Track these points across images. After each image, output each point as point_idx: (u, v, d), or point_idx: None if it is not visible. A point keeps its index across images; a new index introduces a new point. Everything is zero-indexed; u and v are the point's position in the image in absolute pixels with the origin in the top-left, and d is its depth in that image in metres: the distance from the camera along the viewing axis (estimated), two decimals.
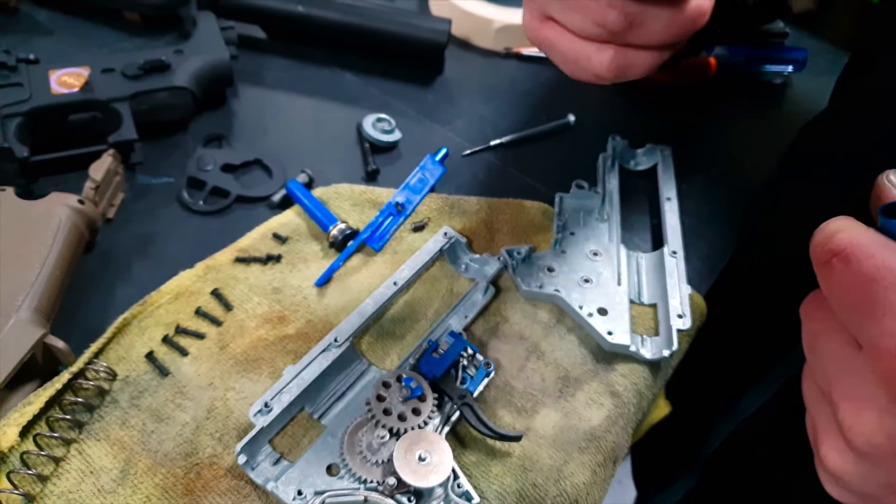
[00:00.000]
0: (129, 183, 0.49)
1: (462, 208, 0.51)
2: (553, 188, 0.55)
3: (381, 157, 0.55)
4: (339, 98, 0.59)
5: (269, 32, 0.62)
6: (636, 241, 0.53)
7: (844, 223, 0.28)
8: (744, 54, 0.68)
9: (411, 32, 0.60)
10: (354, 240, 0.47)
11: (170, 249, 0.46)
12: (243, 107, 0.56)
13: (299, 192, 0.48)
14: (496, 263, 0.47)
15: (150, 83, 0.50)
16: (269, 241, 0.47)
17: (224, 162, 0.51)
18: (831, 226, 0.28)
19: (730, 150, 0.62)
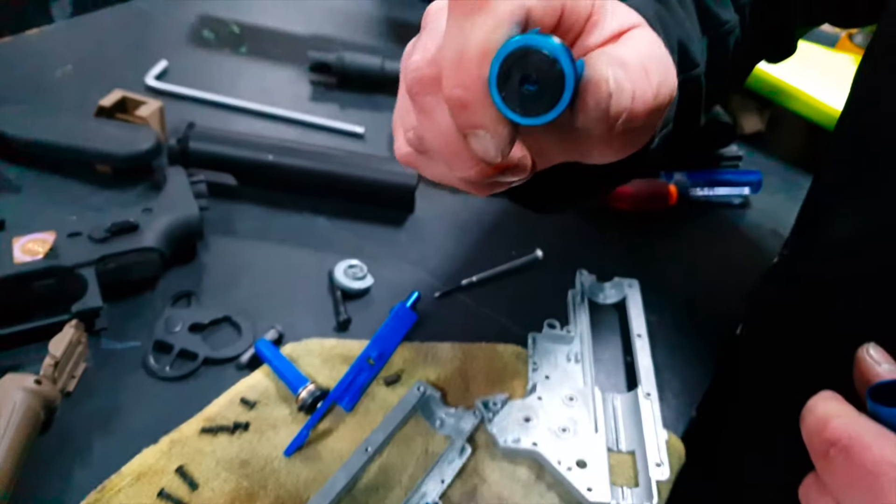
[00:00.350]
0: (92, 349, 0.47)
1: (436, 356, 0.50)
2: (526, 327, 0.54)
3: (353, 304, 0.54)
4: (311, 244, 0.58)
5: (239, 180, 0.61)
6: (611, 382, 0.51)
7: (835, 408, 0.28)
8: (703, 179, 0.69)
9: (381, 177, 0.60)
10: (324, 401, 0.45)
11: (133, 422, 0.43)
12: (213, 259, 0.55)
13: (268, 353, 0.47)
14: (472, 418, 0.45)
15: (117, 245, 0.49)
16: (237, 406, 0.45)
17: (192, 321, 0.49)
18: (822, 409, 0.28)
19: (696, 276, 0.62)
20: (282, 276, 0.55)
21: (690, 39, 0.41)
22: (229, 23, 0.85)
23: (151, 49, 0.78)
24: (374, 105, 0.76)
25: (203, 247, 0.56)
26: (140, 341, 0.48)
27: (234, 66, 0.79)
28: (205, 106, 0.71)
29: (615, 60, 0.25)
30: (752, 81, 0.80)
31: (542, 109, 0.24)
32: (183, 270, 0.54)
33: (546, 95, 0.23)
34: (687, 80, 0.40)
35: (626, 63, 0.25)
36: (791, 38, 0.55)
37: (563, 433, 0.45)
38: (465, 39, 0.24)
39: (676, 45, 0.39)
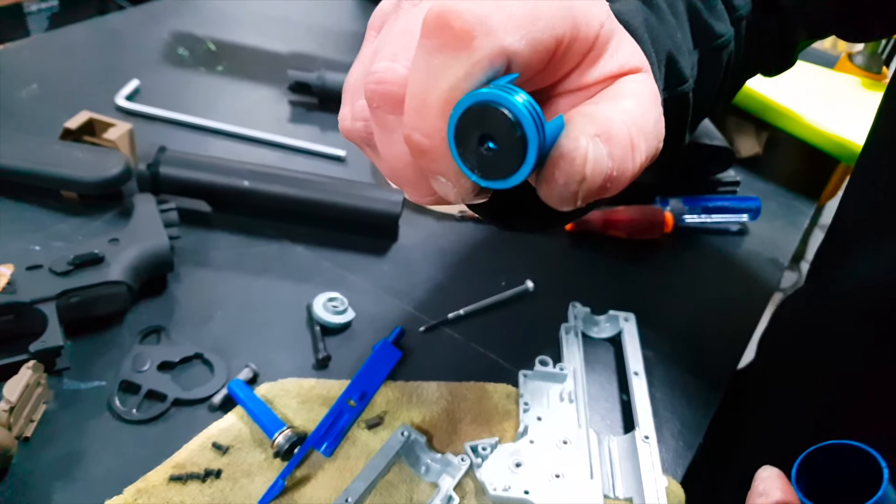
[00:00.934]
0: (53, 390, 0.45)
1: (421, 397, 0.49)
2: (516, 363, 0.53)
3: (333, 339, 0.53)
4: (289, 275, 0.57)
5: (214, 206, 0.61)
6: (606, 423, 0.50)
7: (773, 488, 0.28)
8: (700, 206, 0.69)
9: (364, 204, 0.59)
10: (302, 446, 0.43)
11: (97, 470, 0.42)
12: (185, 292, 0.54)
13: (242, 394, 0.46)
14: (460, 464, 0.44)
15: (81, 279, 0.48)
16: (208, 452, 0.43)
17: (162, 359, 0.48)
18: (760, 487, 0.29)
19: (693, 308, 0.61)
20: (258, 310, 0.54)
21: (680, 52, 0.39)
22: (205, 40, 0.85)
23: (123, 68, 0.77)
24: None
25: (174, 278, 0.55)
26: (105, 381, 0.47)
27: (210, 85, 0.78)
28: (179, 128, 0.71)
29: (601, 130, 0.23)
30: (748, 103, 0.81)
31: (502, 174, 0.22)
32: (152, 304, 0.53)
33: (506, 160, 0.21)
34: (674, 97, 0.39)
35: (612, 136, 0.23)
36: (792, 51, 0.54)
37: (557, 479, 0.44)
38: (431, 81, 0.22)
39: (665, 58, 0.38)
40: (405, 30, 0.25)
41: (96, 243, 0.50)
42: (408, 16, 0.26)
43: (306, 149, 0.70)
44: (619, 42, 0.27)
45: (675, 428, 0.51)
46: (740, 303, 0.63)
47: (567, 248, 0.65)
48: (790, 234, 0.74)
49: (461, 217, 0.65)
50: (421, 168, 0.24)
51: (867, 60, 0.92)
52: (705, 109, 0.47)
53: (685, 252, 0.68)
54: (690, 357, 0.56)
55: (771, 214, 0.75)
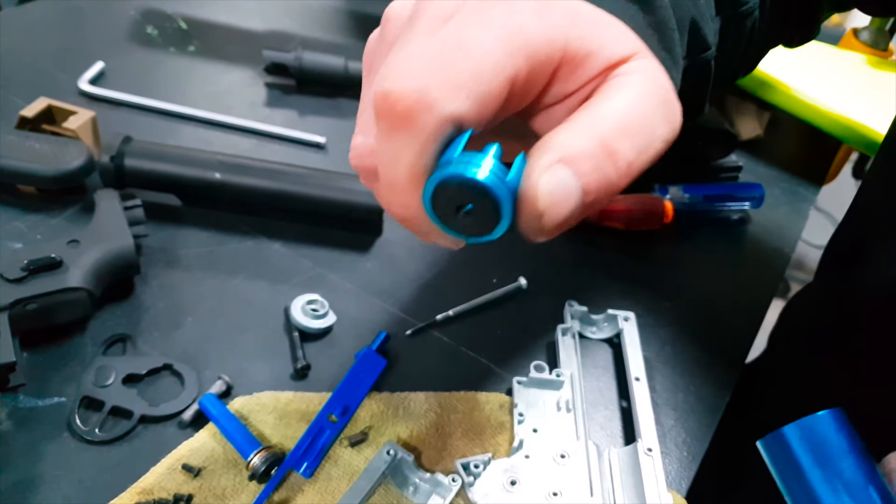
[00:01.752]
0: (7, 409, 0.42)
1: (408, 410, 0.46)
2: (510, 368, 0.50)
3: (313, 345, 0.50)
4: (266, 275, 0.54)
5: (184, 200, 0.57)
6: (606, 433, 0.48)
7: None
8: (701, 194, 0.66)
9: (345, 197, 0.56)
10: (280, 468, 0.41)
11: (55, 497, 0.39)
12: (153, 295, 0.51)
13: (214, 411, 0.43)
14: (451, 485, 0.42)
15: (36, 286, 0.44)
16: (178, 475, 0.41)
17: (127, 372, 0.45)
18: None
19: (697, 302, 0.59)
20: (231, 315, 0.51)
21: (703, 19, 0.38)
22: (176, 18, 0.80)
23: (86, 49, 0.73)
24: (337, 110, 0.71)
25: (141, 281, 0.51)
26: (65, 397, 0.44)
27: (181, 67, 0.74)
28: (147, 114, 0.67)
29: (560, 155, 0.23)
30: (748, 82, 0.78)
31: (484, 232, 0.24)
32: (117, 310, 0.49)
33: (483, 221, 0.23)
34: (696, 64, 0.39)
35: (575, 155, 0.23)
36: (816, 22, 0.52)
37: (554, 498, 0.42)
38: (392, 162, 0.23)
39: (688, 24, 0.37)
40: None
41: (53, 246, 0.47)
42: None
43: (283, 135, 0.66)
44: (600, 40, 0.25)
45: (680, 437, 0.49)
46: (745, 296, 0.61)
47: (562, 241, 0.62)
48: (794, 221, 0.71)
49: None
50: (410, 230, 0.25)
51: (874, 36, 0.89)
52: (727, 78, 0.46)
53: (686, 243, 0.65)
54: (694, 357, 0.54)
55: (774, 200, 0.72)
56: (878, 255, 0.48)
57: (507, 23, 0.23)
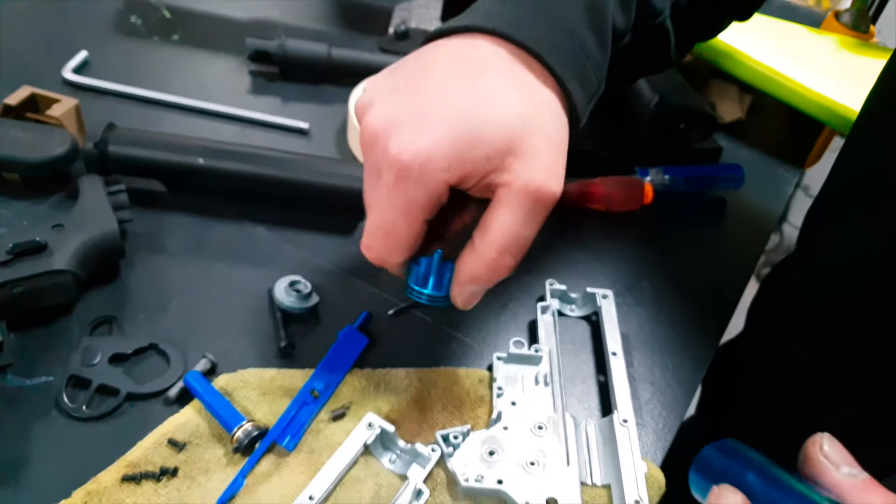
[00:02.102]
0: None
1: (389, 385, 0.47)
2: (490, 346, 0.52)
3: (296, 326, 0.51)
4: (249, 259, 0.55)
5: (168, 186, 0.58)
6: (583, 406, 0.50)
7: None
8: (680, 176, 0.68)
9: (328, 181, 0.57)
10: (263, 441, 0.42)
11: (43, 473, 0.40)
12: (138, 279, 0.52)
13: (199, 387, 0.44)
14: (430, 455, 0.43)
15: (22, 269, 0.45)
16: (163, 449, 0.42)
17: (114, 351, 0.46)
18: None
19: (676, 283, 0.60)
20: (216, 297, 0.52)
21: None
22: (160, 7, 0.81)
23: (70, 38, 0.73)
24: (321, 97, 0.73)
25: (126, 265, 0.53)
26: (53, 376, 0.45)
27: (165, 56, 0.75)
28: (131, 102, 0.68)
29: (469, 278, 0.41)
30: (731, 65, 0.79)
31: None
32: (103, 293, 0.50)
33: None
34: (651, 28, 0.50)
35: (477, 277, 0.40)
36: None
37: (532, 468, 0.43)
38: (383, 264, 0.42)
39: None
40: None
41: (39, 230, 0.48)
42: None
43: (267, 121, 0.67)
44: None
45: (655, 410, 0.50)
46: (724, 276, 0.62)
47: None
48: (774, 202, 0.73)
49: None
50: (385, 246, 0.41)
51: (854, 18, 0.90)
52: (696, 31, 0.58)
53: (666, 224, 0.66)
54: (671, 335, 0.55)
55: (754, 182, 0.73)
56: (852, 226, 0.50)
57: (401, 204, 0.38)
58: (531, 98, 0.38)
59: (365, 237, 0.40)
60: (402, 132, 0.36)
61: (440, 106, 0.36)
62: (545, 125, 0.38)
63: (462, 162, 0.36)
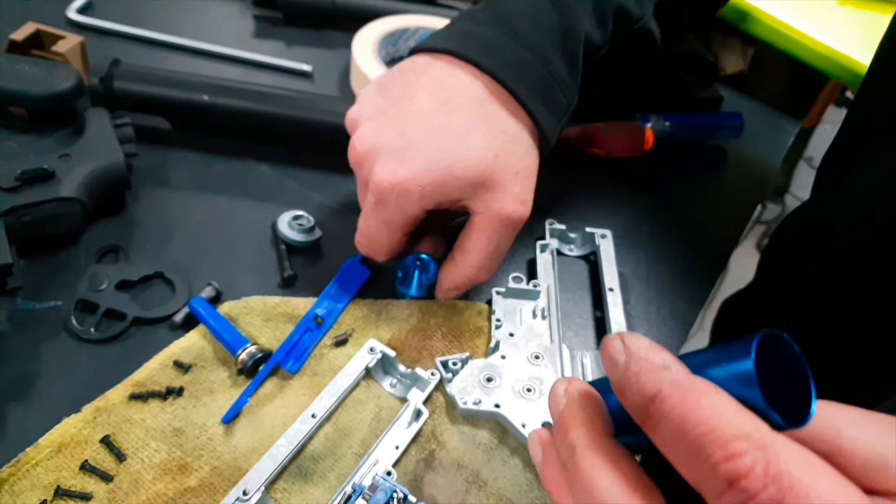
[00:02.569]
0: (6, 311, 0.44)
1: (390, 315, 0.48)
2: (490, 281, 0.52)
3: (299, 258, 0.52)
4: (253, 194, 0.55)
5: (173, 123, 0.58)
6: (579, 339, 0.50)
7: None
8: (681, 123, 0.68)
9: (330, 119, 0.57)
10: (266, 364, 0.43)
11: (54, 390, 0.41)
12: (144, 211, 0.52)
13: (204, 311, 0.45)
14: (429, 379, 0.44)
15: (30, 195, 0.46)
16: (169, 370, 0.43)
17: (120, 278, 0.47)
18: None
19: (674, 226, 0.61)
20: (220, 230, 0.52)
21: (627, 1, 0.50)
22: None
23: None
24: (324, 42, 0.72)
25: (132, 197, 0.53)
26: (62, 301, 0.46)
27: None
28: (135, 43, 0.68)
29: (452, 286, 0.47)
30: (732, 15, 0.78)
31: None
32: (110, 223, 0.51)
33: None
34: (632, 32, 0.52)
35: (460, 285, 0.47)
36: None
37: (528, 394, 0.44)
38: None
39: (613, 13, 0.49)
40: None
41: (46, 159, 0.48)
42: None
43: (271, 64, 0.67)
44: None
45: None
46: (720, 222, 0.63)
47: (543, 165, 0.64)
48: (773, 152, 0.73)
49: None
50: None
51: None
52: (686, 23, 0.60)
53: (666, 170, 0.67)
54: (668, 276, 0.56)
55: (755, 132, 0.73)
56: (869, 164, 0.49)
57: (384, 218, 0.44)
58: (501, 133, 0.43)
59: (357, 234, 0.46)
60: (384, 161, 0.42)
61: (419, 138, 0.41)
62: (514, 157, 0.43)
63: (436, 193, 0.42)
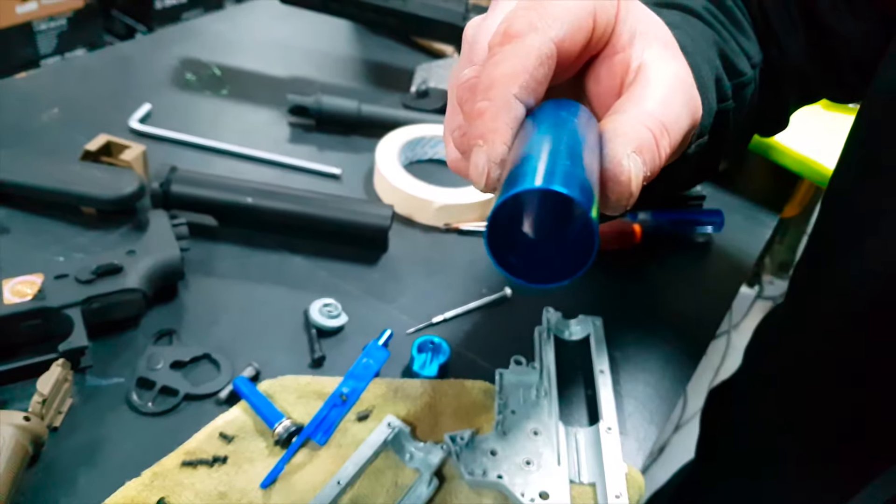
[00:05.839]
0: (77, 386, 0.50)
1: (406, 392, 0.54)
2: (493, 362, 0.58)
3: (327, 341, 0.57)
4: (288, 282, 0.62)
5: (220, 221, 0.66)
6: (574, 416, 0.55)
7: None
8: (667, 218, 0.74)
9: (356, 218, 0.64)
10: (299, 436, 0.48)
11: (117, 456, 0.47)
12: (194, 298, 0.59)
13: (245, 389, 0.50)
14: (440, 452, 0.49)
15: (102, 287, 0.52)
16: (215, 441, 0.48)
17: (174, 359, 0.53)
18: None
19: (661, 312, 0.66)
20: (259, 314, 0.59)
21: (723, 75, 0.43)
22: (210, 65, 0.90)
23: (135, 92, 0.82)
24: (351, 146, 0.80)
25: (184, 286, 0.60)
26: (124, 378, 0.52)
27: (216, 108, 0.83)
28: (187, 148, 0.76)
29: (635, 146, 0.29)
30: None
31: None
32: (164, 309, 0.58)
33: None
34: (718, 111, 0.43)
35: (643, 146, 0.29)
36: (785, 112, 0.58)
37: (528, 466, 0.49)
38: (495, 69, 0.29)
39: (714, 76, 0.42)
40: (480, 49, 0.33)
41: (115, 255, 0.55)
42: (484, 33, 0.33)
43: (304, 167, 0.75)
44: (634, 18, 0.33)
45: (638, 421, 0.56)
46: (703, 307, 0.68)
47: None
48: (752, 244, 0.79)
49: (446, 229, 0.70)
50: (470, 137, 0.29)
51: None
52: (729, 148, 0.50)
53: (653, 262, 0.73)
54: (656, 357, 0.61)
55: (735, 227, 0.79)
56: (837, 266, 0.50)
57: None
58: None
59: (448, 132, 0.35)
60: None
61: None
62: None
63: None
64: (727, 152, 0.50)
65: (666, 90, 0.32)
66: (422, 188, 0.70)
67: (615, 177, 0.28)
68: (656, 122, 0.30)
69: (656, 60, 0.32)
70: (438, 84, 0.89)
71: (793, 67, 0.53)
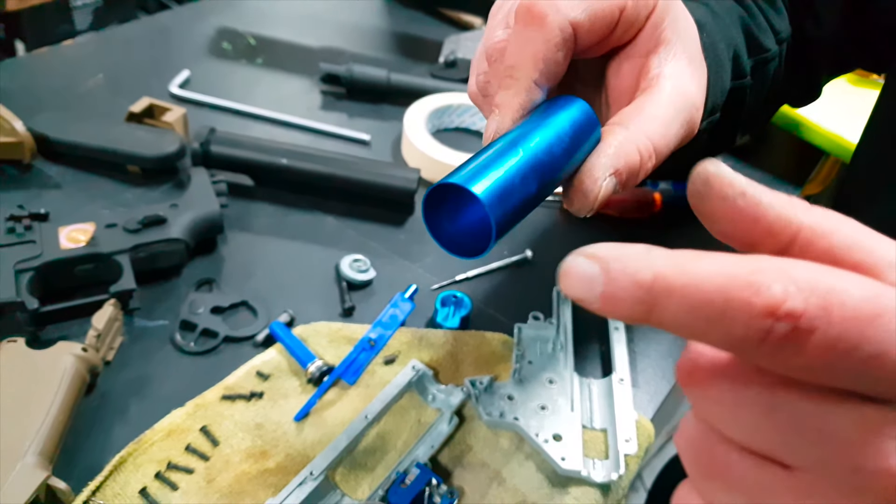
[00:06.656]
0: (127, 327, 0.55)
1: (430, 341, 0.57)
2: (513, 319, 0.61)
3: (357, 294, 0.61)
4: (320, 240, 0.66)
5: (256, 181, 0.70)
6: (588, 369, 0.59)
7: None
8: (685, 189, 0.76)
9: (384, 181, 0.68)
10: (330, 375, 0.52)
11: (163, 389, 0.51)
12: (232, 252, 0.63)
13: (281, 333, 0.54)
14: (460, 394, 0.53)
15: (148, 236, 0.57)
16: (253, 378, 0.53)
17: (214, 305, 0.57)
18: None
19: None
20: (293, 268, 0.63)
21: (741, 50, 0.45)
22: (246, 35, 0.94)
23: (174, 60, 0.86)
24: (380, 114, 0.84)
25: (222, 240, 0.64)
26: (168, 320, 0.56)
27: (251, 76, 0.87)
28: (224, 112, 0.80)
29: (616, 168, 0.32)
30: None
31: None
32: (205, 260, 0.62)
33: None
34: (733, 88, 0.45)
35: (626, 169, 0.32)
36: (817, 83, 0.59)
37: (542, 410, 0.53)
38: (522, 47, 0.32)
39: (731, 52, 0.44)
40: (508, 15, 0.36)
41: (159, 208, 0.60)
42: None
43: (335, 133, 0.79)
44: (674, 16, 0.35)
45: (650, 377, 0.59)
46: None
47: (562, 223, 0.73)
48: None
49: None
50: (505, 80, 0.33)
51: None
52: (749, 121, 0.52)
53: (672, 230, 0.75)
54: None
55: None
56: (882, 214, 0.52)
57: None
58: None
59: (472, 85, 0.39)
60: None
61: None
62: None
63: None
64: (745, 127, 0.52)
65: (671, 111, 0.34)
66: (448, 154, 0.73)
67: (585, 189, 0.32)
68: (648, 147, 0.33)
69: (674, 77, 0.34)
70: (466, 55, 0.92)
71: (828, 37, 0.54)
